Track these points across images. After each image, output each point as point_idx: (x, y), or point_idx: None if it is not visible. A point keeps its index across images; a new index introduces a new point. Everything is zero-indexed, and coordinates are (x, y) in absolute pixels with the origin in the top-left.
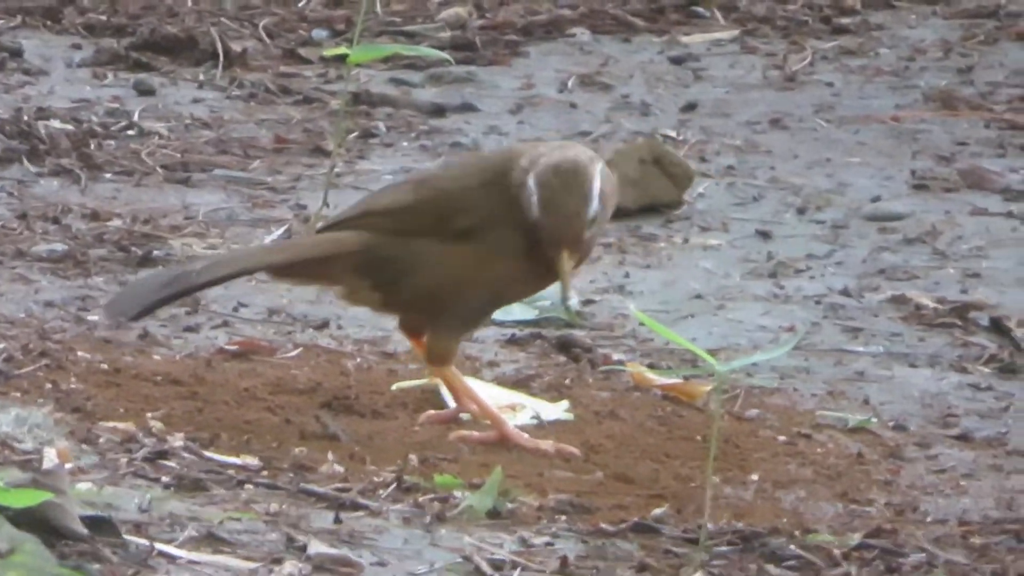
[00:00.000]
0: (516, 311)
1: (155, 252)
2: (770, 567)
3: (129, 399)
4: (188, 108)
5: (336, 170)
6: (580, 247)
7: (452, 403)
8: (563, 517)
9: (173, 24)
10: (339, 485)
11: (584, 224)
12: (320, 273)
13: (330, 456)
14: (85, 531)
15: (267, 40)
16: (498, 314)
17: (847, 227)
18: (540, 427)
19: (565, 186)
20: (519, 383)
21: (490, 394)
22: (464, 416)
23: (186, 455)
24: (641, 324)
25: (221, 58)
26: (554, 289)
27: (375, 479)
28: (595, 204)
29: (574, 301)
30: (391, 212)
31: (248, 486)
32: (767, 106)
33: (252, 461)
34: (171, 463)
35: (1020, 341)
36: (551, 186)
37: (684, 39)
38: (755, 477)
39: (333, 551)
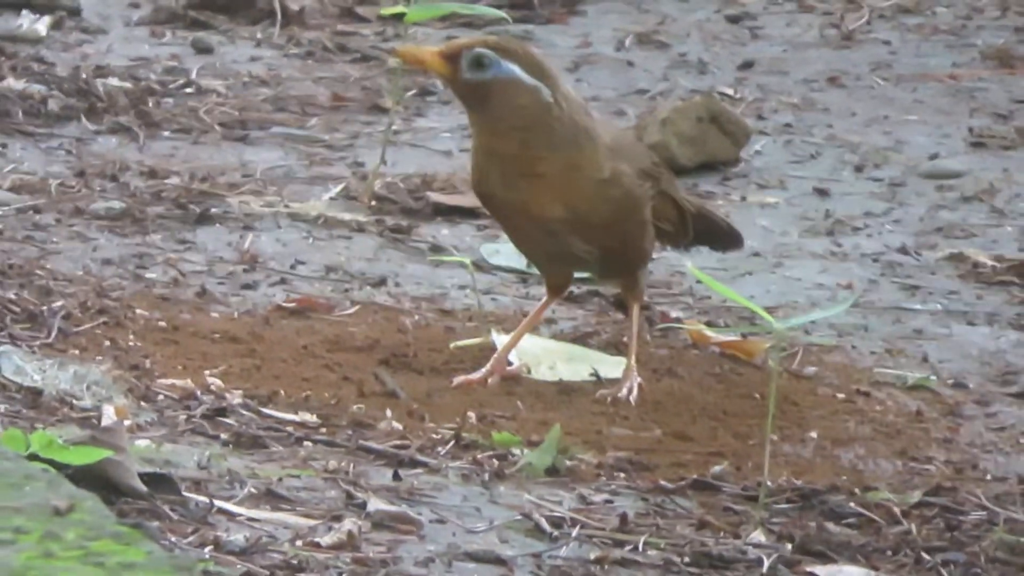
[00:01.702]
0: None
1: (213, 209)
2: (829, 524)
3: (187, 356)
4: (246, 66)
5: (394, 128)
6: (450, 55)
7: (516, 360)
8: (622, 474)
9: None
10: (397, 442)
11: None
12: None
13: (388, 413)
14: (144, 488)
15: None
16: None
17: (904, 185)
18: (598, 383)
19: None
20: (577, 340)
21: (549, 349)
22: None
23: (244, 412)
24: (698, 282)
25: (279, 16)
26: None
27: (433, 436)
28: (504, 65)
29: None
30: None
31: (307, 443)
32: (824, 64)
33: (310, 418)
34: (229, 420)
35: None
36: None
37: None
38: (814, 435)
39: (392, 508)
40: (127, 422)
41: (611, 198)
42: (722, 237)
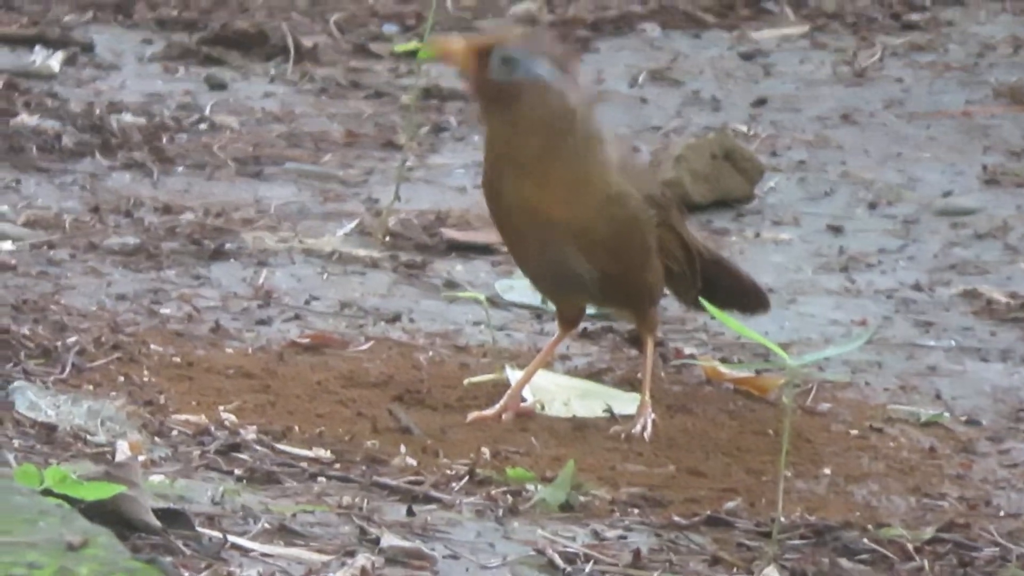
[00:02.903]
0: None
1: (227, 245)
2: (843, 561)
3: (201, 392)
4: (259, 102)
5: (407, 164)
6: (478, 54)
7: (530, 396)
8: (636, 510)
9: (244, 19)
10: (412, 478)
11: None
12: None
13: (402, 449)
14: (158, 523)
15: (338, 35)
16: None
17: (918, 222)
18: (612, 420)
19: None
20: (591, 376)
21: (563, 385)
22: (537, 408)
23: (258, 448)
24: (713, 318)
25: (292, 53)
26: None
27: (448, 472)
28: (533, 63)
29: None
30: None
31: (320, 479)
32: (837, 101)
33: (324, 454)
34: (244, 456)
35: None
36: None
37: (754, 35)
38: (827, 471)
39: (406, 544)
40: (141, 457)
41: (614, 216)
42: (746, 293)
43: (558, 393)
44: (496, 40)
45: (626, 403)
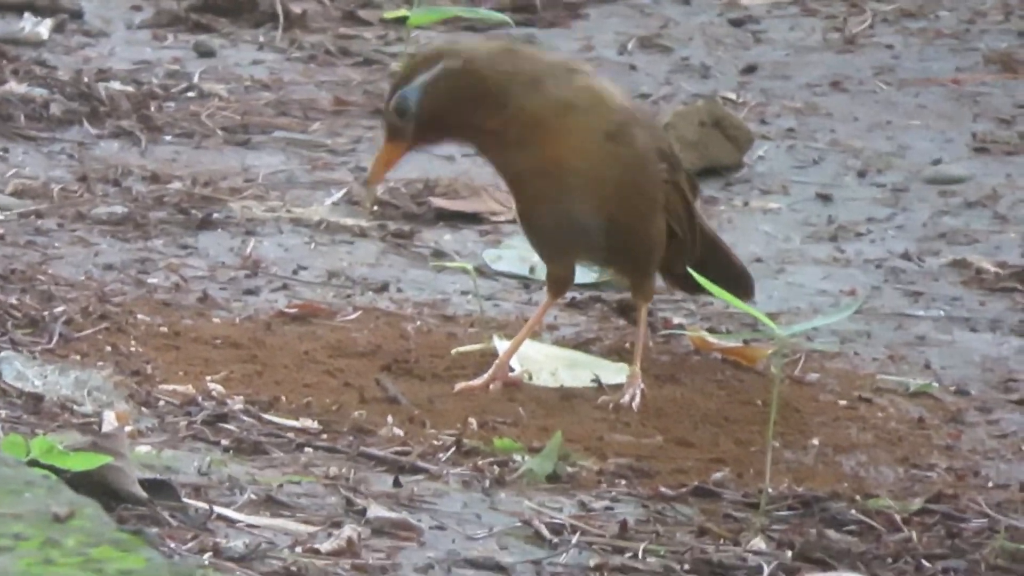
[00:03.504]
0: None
1: (215, 214)
2: (830, 532)
3: (188, 362)
4: (248, 70)
5: None
6: (390, 131)
7: (517, 366)
8: (623, 481)
9: None
10: (398, 448)
11: (387, 103)
12: None
13: (389, 420)
14: (144, 495)
15: (327, 2)
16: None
17: (907, 190)
18: (600, 390)
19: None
20: (579, 346)
21: (551, 355)
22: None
23: (245, 418)
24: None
25: (281, 20)
26: None
27: (434, 443)
28: (407, 90)
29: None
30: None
31: (307, 449)
32: (827, 68)
33: (311, 424)
34: (230, 426)
35: None
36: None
37: (744, 1)
38: (815, 441)
39: (392, 514)
40: (128, 428)
41: (619, 156)
42: (734, 279)
43: (546, 363)
44: (385, 116)
45: (614, 373)
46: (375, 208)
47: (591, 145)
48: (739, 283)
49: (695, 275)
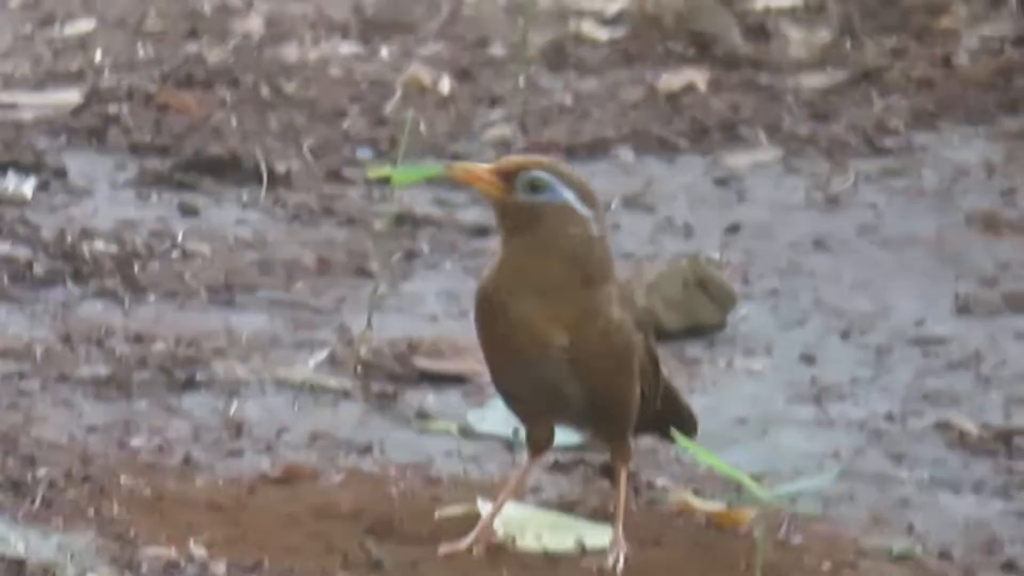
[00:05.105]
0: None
1: (198, 375)
2: None
3: (172, 525)
4: (232, 229)
5: (380, 291)
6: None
7: (501, 529)
8: None
9: (217, 144)
10: None
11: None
12: None
13: None
14: None
15: (311, 160)
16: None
17: (891, 351)
18: (584, 553)
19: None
20: (562, 509)
21: (534, 517)
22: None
23: None
24: (684, 449)
25: (265, 179)
26: None
27: None
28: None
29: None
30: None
31: None
32: (810, 227)
33: None
34: None
35: None
36: None
37: (728, 160)
38: None
39: None
40: None
41: (613, 344)
42: (684, 420)
43: (529, 526)
44: (523, 163)
45: (598, 536)
46: (359, 369)
47: (588, 335)
48: (686, 421)
49: (678, 436)
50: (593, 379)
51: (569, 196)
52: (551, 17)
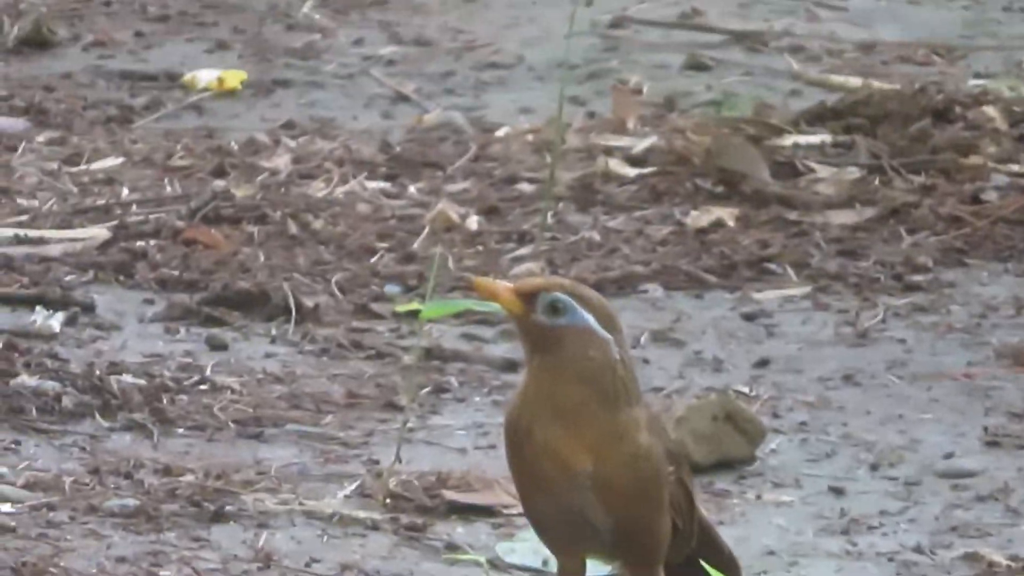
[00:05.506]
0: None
1: (227, 507)
2: None
3: None
4: (260, 363)
5: (409, 425)
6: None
7: None
8: None
9: (245, 279)
10: None
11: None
12: None
13: None
14: None
15: (339, 295)
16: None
17: (920, 483)
18: None
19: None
20: None
21: None
22: None
23: None
24: None
25: (293, 313)
26: None
27: None
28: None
29: None
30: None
31: None
32: (839, 362)
33: None
34: None
35: None
36: None
37: (756, 295)
38: None
39: None
40: None
41: (640, 472)
42: (724, 563)
43: None
44: (543, 284)
45: None
46: (388, 501)
47: (614, 462)
48: (729, 567)
49: (707, 567)
50: (619, 506)
51: (589, 319)
52: (579, 154)
